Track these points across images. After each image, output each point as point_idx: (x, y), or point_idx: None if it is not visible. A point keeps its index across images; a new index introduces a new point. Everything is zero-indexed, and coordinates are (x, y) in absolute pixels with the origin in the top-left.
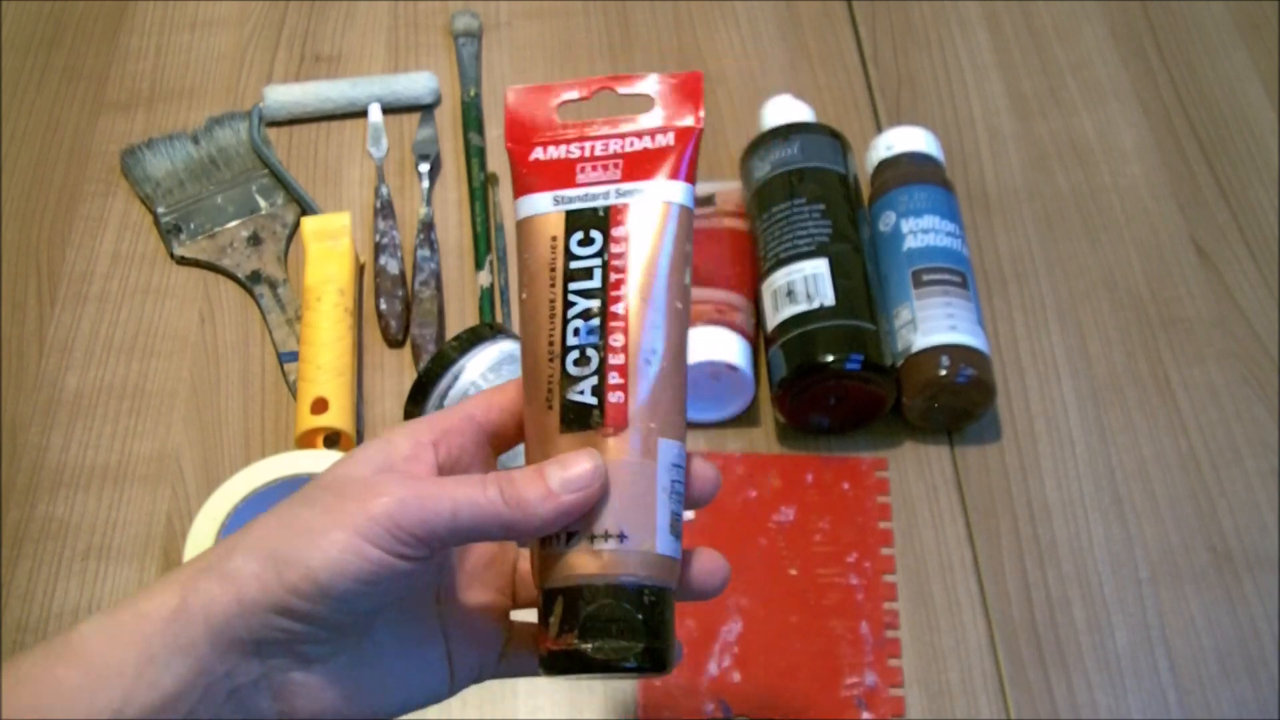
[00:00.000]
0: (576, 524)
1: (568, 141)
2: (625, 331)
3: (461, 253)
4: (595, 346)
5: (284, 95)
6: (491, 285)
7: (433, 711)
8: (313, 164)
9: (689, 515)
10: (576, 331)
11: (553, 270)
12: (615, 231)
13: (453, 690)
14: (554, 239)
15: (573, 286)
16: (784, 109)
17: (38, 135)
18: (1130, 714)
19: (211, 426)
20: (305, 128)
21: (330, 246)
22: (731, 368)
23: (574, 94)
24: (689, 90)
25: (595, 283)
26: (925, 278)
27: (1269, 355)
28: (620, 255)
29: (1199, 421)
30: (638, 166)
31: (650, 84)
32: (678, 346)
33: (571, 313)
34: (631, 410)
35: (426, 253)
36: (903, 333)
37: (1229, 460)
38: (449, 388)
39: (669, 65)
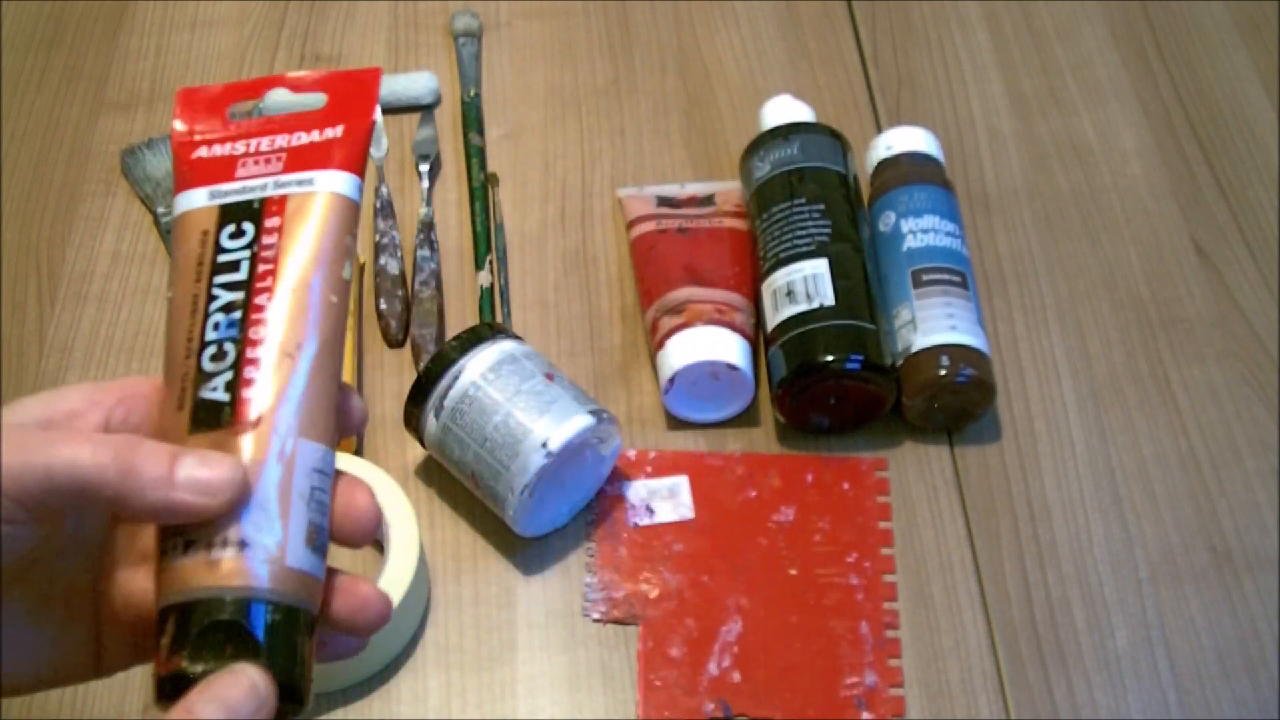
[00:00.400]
0: (195, 531)
1: (233, 139)
2: (266, 324)
3: (461, 253)
4: (234, 340)
5: (284, 95)
6: (491, 285)
7: (432, 710)
8: None
9: (684, 515)
10: (216, 325)
11: (200, 265)
12: (268, 223)
13: (100, 673)
14: (205, 233)
15: (218, 280)
16: (784, 109)
17: (38, 135)
18: (1130, 714)
19: None
20: None
21: None
22: (731, 368)
23: (245, 95)
24: (364, 85)
25: (241, 275)
26: (925, 278)
27: (1269, 355)
28: (271, 247)
29: (1199, 421)
30: (300, 159)
31: (323, 81)
32: (330, 343)
33: (214, 306)
34: (265, 407)
35: (426, 253)
36: (903, 333)
37: (1229, 460)
38: (449, 388)
39: (669, 65)
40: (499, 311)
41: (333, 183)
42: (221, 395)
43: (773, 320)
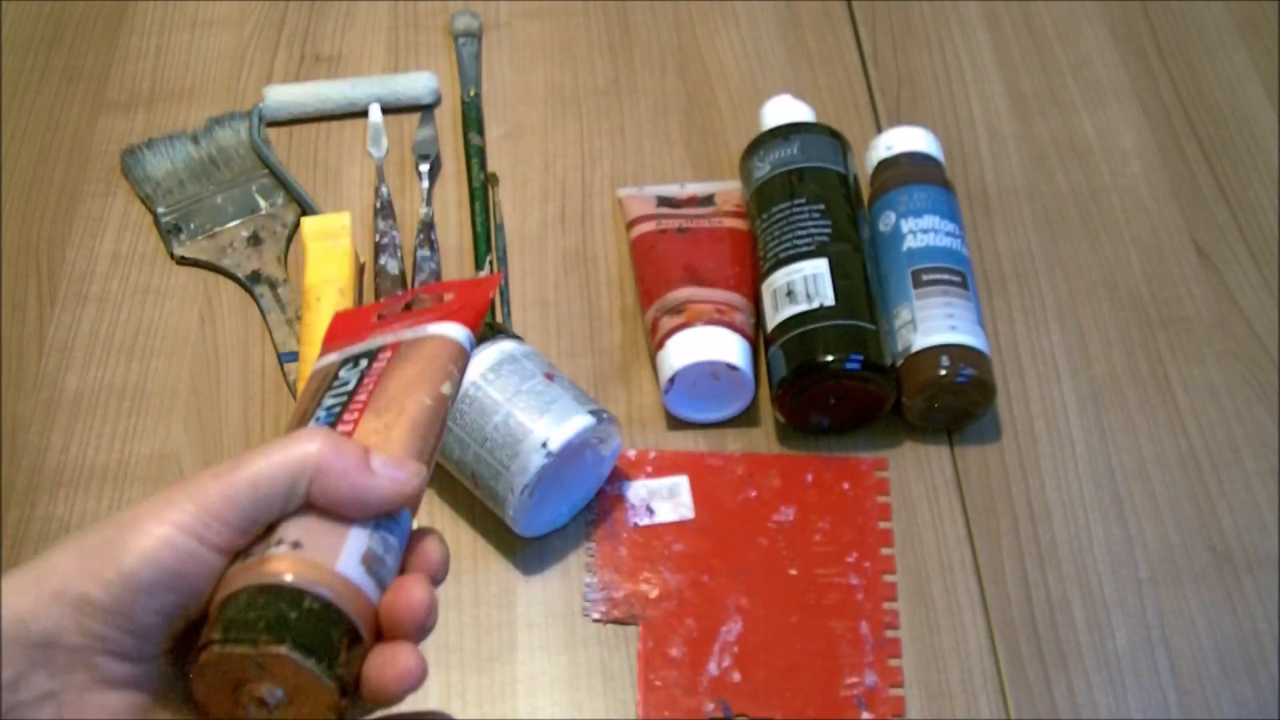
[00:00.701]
0: (256, 545)
1: (373, 330)
2: (362, 410)
3: (461, 253)
4: (329, 424)
5: (284, 95)
6: None
7: (434, 710)
8: (313, 164)
9: (684, 515)
10: (317, 419)
11: (316, 396)
12: (381, 358)
13: None
14: (325, 375)
15: (328, 396)
16: (784, 109)
17: (38, 135)
18: (1130, 714)
19: (211, 426)
20: (305, 128)
21: (330, 246)
22: (731, 368)
23: (389, 306)
24: (485, 285)
25: (348, 387)
26: (925, 278)
27: (1269, 355)
28: (379, 367)
29: (1199, 421)
30: (418, 321)
31: (453, 285)
32: (420, 427)
33: (320, 409)
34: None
35: (426, 253)
36: (903, 333)
37: (1229, 460)
38: None
39: (669, 65)
40: (499, 311)
41: (445, 330)
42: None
43: (773, 320)
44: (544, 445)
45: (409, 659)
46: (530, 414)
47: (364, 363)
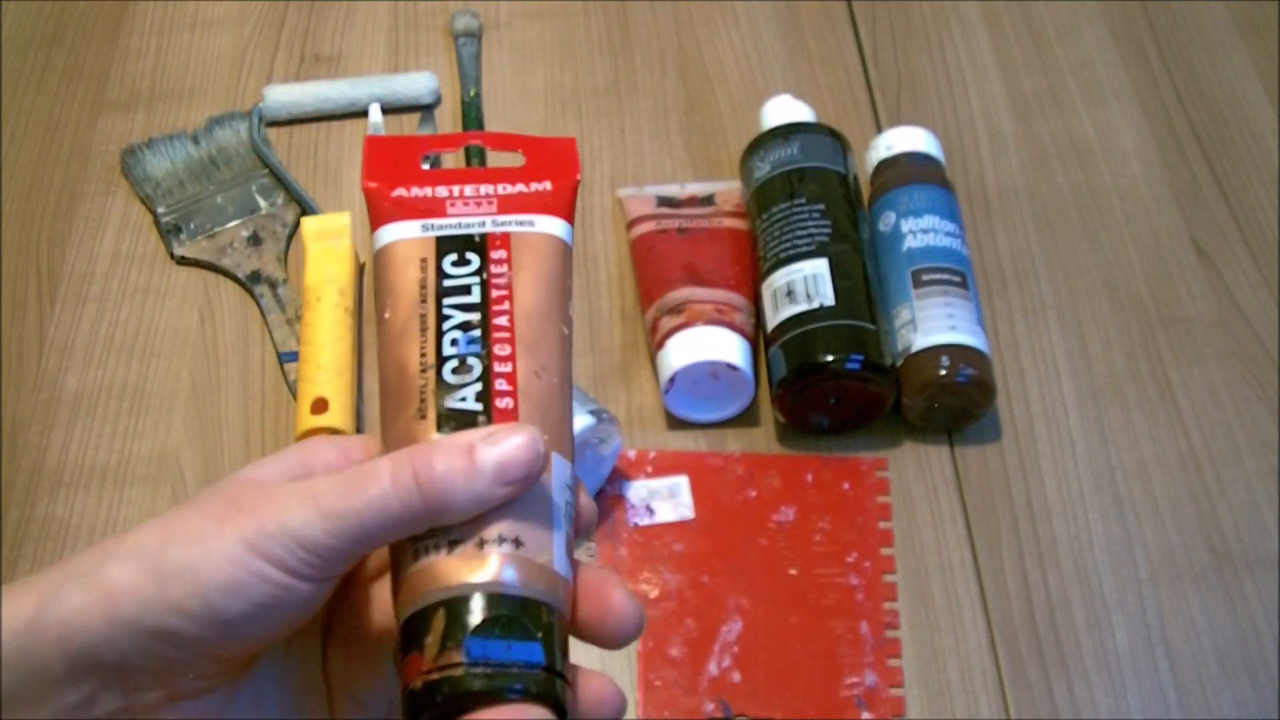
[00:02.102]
0: (460, 530)
1: (434, 184)
2: (512, 343)
3: None
4: (478, 355)
5: (284, 95)
6: None
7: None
8: (313, 164)
9: (684, 515)
10: (455, 342)
11: (423, 288)
12: (494, 254)
13: None
14: (424, 260)
15: (448, 301)
16: (784, 109)
17: (38, 135)
18: (1130, 714)
19: (211, 426)
20: (305, 128)
21: (330, 246)
22: (731, 368)
23: (436, 148)
24: (563, 152)
25: (474, 298)
26: (925, 278)
27: (1269, 355)
28: (501, 275)
29: (1199, 421)
30: (513, 205)
31: (520, 142)
32: (565, 371)
33: (448, 325)
34: (523, 418)
35: None
36: (903, 333)
37: (1229, 460)
38: None
39: (669, 65)
40: None
41: (551, 226)
42: (473, 404)
43: (773, 320)
44: None
45: (606, 687)
46: None
47: (474, 260)
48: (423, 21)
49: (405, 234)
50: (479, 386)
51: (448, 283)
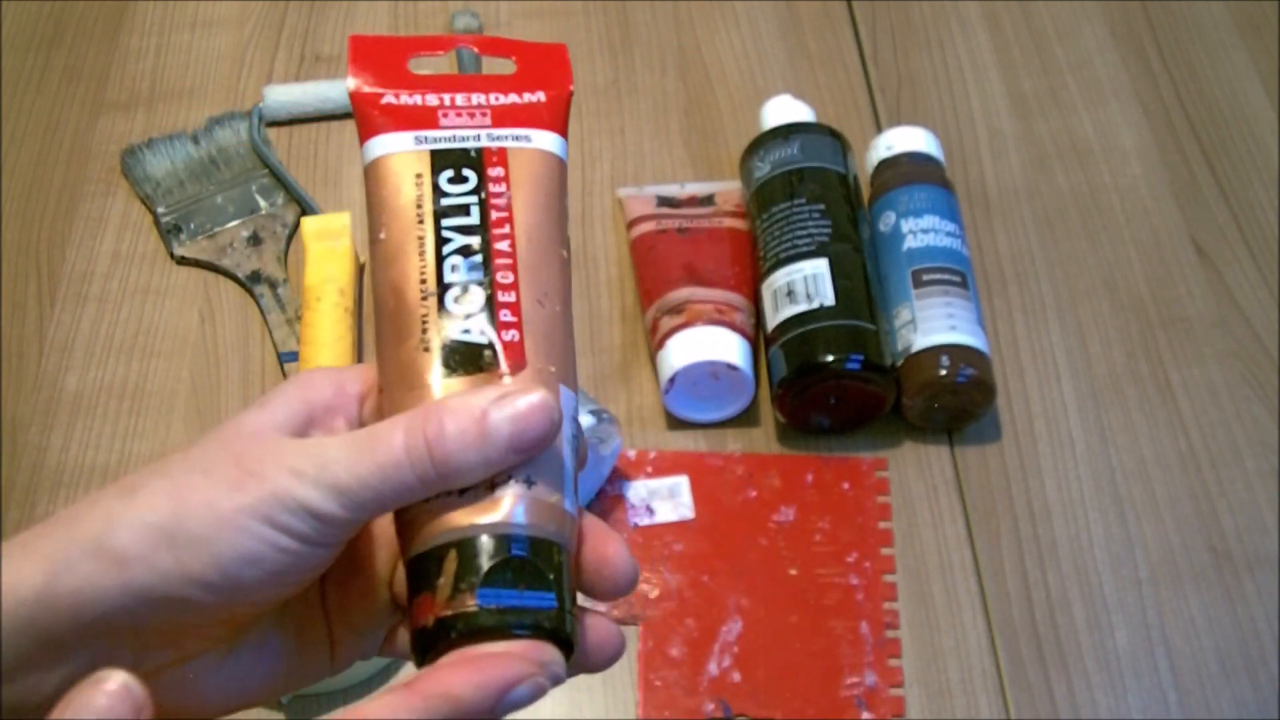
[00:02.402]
0: None
1: (425, 90)
2: (514, 270)
3: None
4: (480, 282)
5: (284, 95)
6: None
7: None
8: (313, 164)
9: (684, 515)
10: (455, 268)
11: (419, 207)
12: (491, 172)
13: (334, 672)
14: (419, 175)
15: (446, 222)
16: (784, 109)
17: (38, 135)
18: (1130, 714)
19: (211, 426)
20: (305, 128)
21: (330, 246)
22: (731, 368)
23: (425, 49)
24: (555, 59)
25: (473, 219)
26: (925, 278)
27: (1269, 355)
28: (500, 195)
29: (1199, 421)
30: (508, 117)
31: (511, 48)
32: (566, 296)
33: (447, 249)
34: (530, 350)
35: None
36: (903, 333)
37: (1229, 460)
38: None
39: (669, 65)
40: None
41: (547, 142)
42: (478, 337)
43: (773, 320)
44: None
45: (607, 628)
46: None
47: (472, 177)
48: (423, 21)
49: (398, 146)
50: (484, 316)
51: (445, 202)
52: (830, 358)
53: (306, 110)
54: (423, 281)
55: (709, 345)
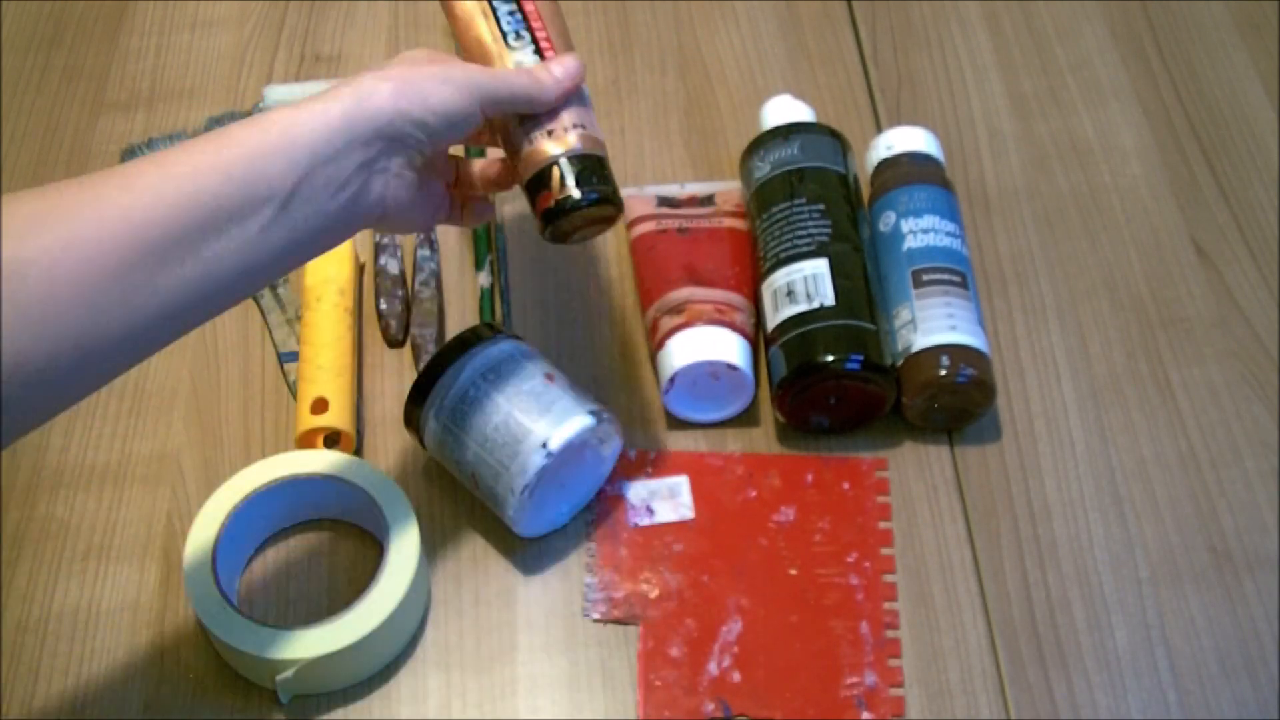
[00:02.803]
0: (551, 122)
1: None
2: (540, 19)
3: (461, 253)
4: (525, 29)
5: (284, 95)
6: (492, 285)
7: (432, 710)
8: None
9: (684, 515)
10: (509, 20)
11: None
12: None
13: (461, 223)
14: None
15: (502, 6)
16: (784, 109)
17: (38, 135)
18: (1130, 714)
19: (211, 426)
20: None
21: None
22: (731, 368)
23: None
24: None
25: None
26: (925, 278)
27: (1269, 355)
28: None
29: (1199, 421)
30: None
31: None
32: (560, 22)
33: (500, 11)
34: (557, 49)
35: (426, 253)
36: (903, 333)
37: (1229, 460)
38: (448, 388)
39: (669, 65)
40: (499, 312)
41: None
42: (532, 57)
43: (773, 320)
44: (544, 445)
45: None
46: (530, 415)
47: None
48: (423, 21)
49: None
50: (532, 46)
51: None
52: (830, 358)
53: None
54: (492, 31)
55: (709, 345)
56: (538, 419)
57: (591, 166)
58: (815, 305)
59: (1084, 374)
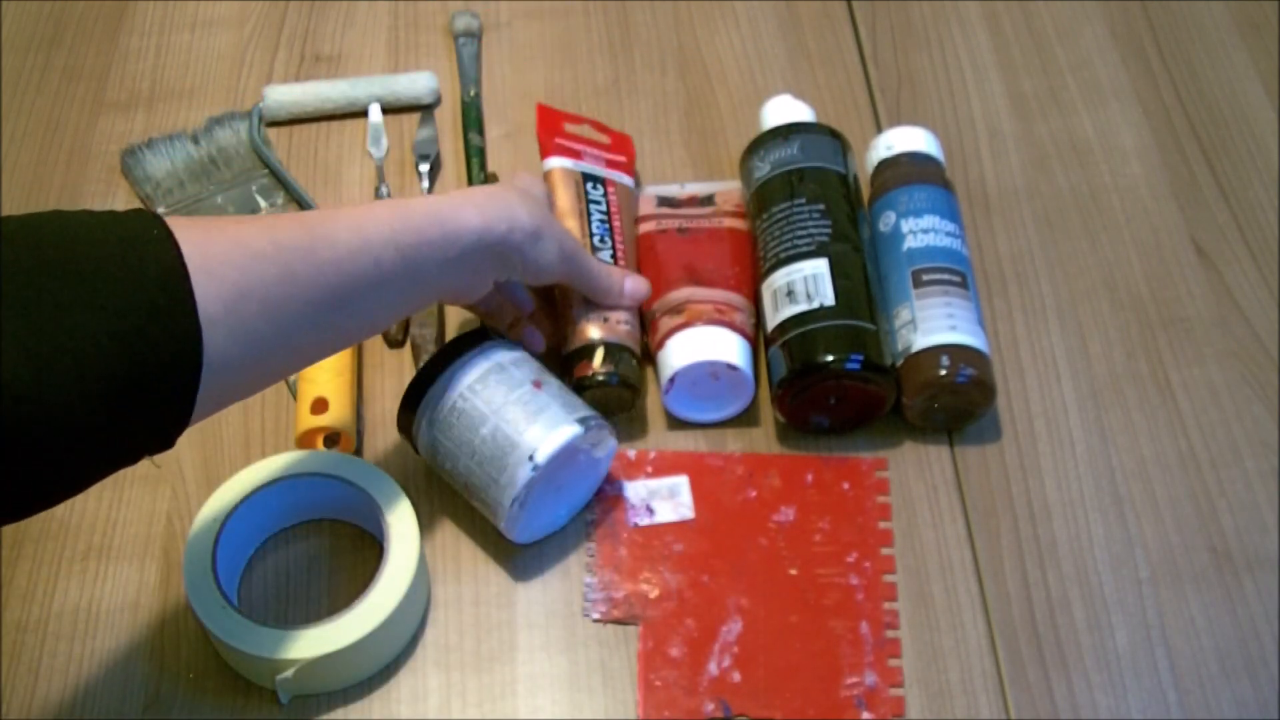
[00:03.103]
0: (610, 312)
1: (573, 141)
2: (621, 233)
3: None
4: (608, 234)
5: (284, 95)
6: None
7: (432, 710)
8: (313, 164)
9: (684, 515)
10: (598, 226)
11: (579, 197)
12: (610, 189)
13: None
14: (576, 181)
15: (593, 208)
16: (784, 109)
17: (38, 135)
18: (1130, 714)
19: (211, 426)
20: (305, 128)
21: None
22: (731, 368)
23: (572, 120)
24: (627, 141)
25: (603, 208)
26: (925, 278)
27: (1269, 355)
28: (614, 200)
29: (1199, 421)
30: (609, 164)
31: (600, 127)
32: (634, 241)
33: (594, 218)
34: (630, 265)
35: None
36: (903, 333)
37: (1229, 460)
38: (438, 399)
39: (669, 65)
40: None
41: (628, 180)
42: (609, 256)
43: (773, 320)
44: (530, 459)
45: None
46: (517, 426)
47: (600, 188)
48: (423, 21)
49: (565, 164)
50: (610, 249)
51: (590, 195)
52: (830, 358)
53: (306, 110)
54: (583, 233)
55: (709, 345)
56: (524, 430)
57: (624, 357)
58: (815, 305)
59: (1084, 374)
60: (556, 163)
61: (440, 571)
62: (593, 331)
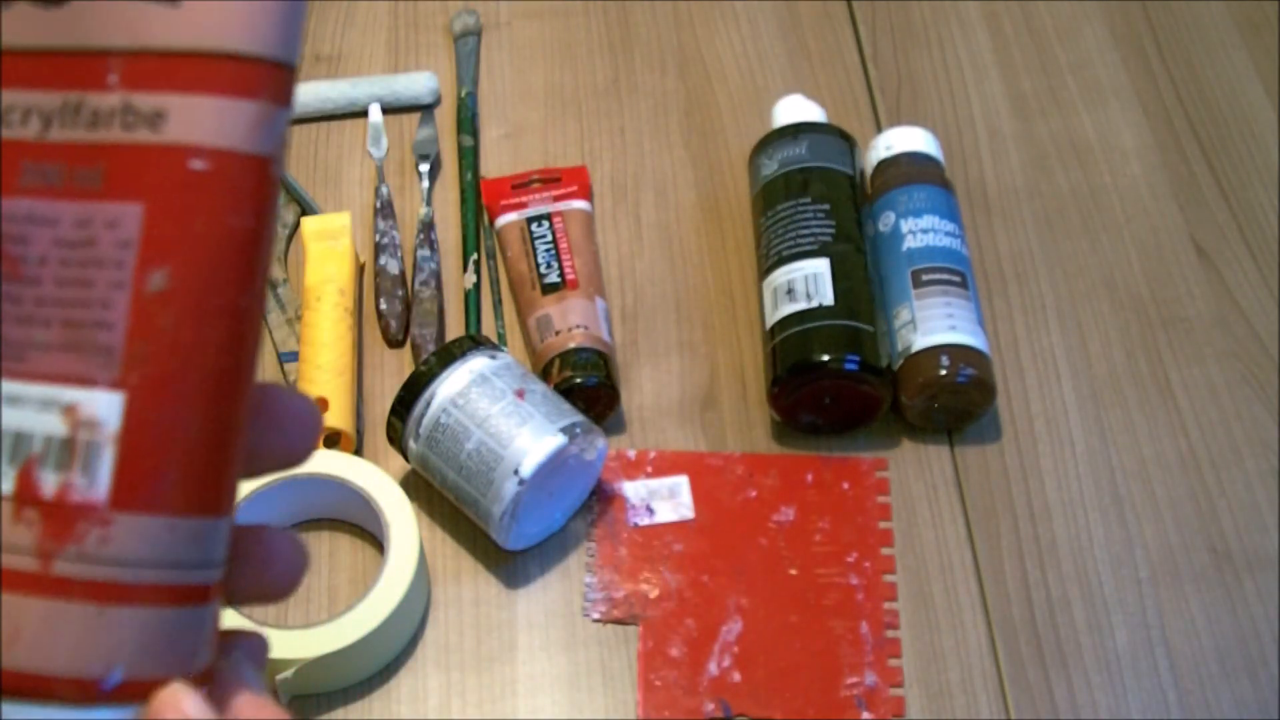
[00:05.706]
0: (560, 325)
1: (520, 194)
2: (571, 255)
3: (461, 253)
4: (556, 260)
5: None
6: (477, 286)
7: (432, 710)
8: (313, 164)
9: (684, 515)
10: (543, 256)
11: (524, 241)
12: (556, 220)
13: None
14: (521, 229)
15: (538, 245)
16: (794, 108)
17: None
18: (1130, 714)
19: None
20: (305, 128)
21: (330, 246)
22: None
23: (522, 179)
24: (580, 174)
25: (549, 241)
26: (925, 278)
27: (1269, 355)
28: (561, 229)
29: (1199, 421)
30: (559, 199)
31: (554, 170)
32: (595, 261)
33: (539, 252)
34: (580, 282)
35: (426, 253)
36: (902, 333)
37: (1229, 460)
38: (423, 414)
39: (669, 65)
40: (488, 312)
41: (582, 205)
42: (556, 279)
43: (771, 317)
44: (516, 472)
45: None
46: (501, 440)
47: (546, 224)
48: (423, 21)
49: (512, 218)
50: (558, 273)
51: (535, 233)
52: (827, 357)
53: (307, 110)
54: (530, 269)
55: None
56: (509, 444)
57: (592, 357)
58: (814, 304)
59: (1084, 374)
60: (505, 219)
61: (440, 572)
62: (554, 343)
